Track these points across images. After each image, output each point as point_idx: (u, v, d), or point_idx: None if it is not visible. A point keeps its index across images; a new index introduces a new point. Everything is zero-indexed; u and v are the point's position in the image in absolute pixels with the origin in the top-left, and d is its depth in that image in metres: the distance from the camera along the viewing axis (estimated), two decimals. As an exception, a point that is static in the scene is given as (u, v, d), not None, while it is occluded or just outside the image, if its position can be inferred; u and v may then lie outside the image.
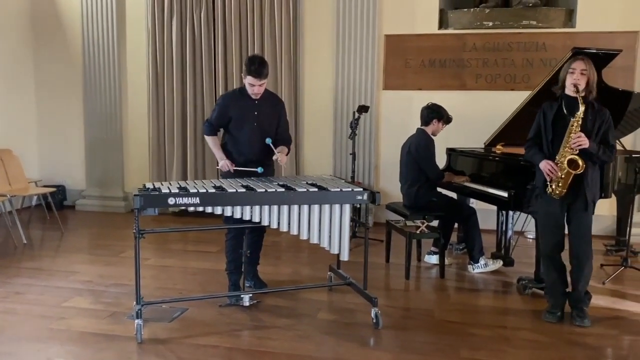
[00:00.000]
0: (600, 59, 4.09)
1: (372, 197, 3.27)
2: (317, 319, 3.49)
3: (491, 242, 4.85)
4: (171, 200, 3.04)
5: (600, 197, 3.48)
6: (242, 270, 3.83)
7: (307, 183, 3.44)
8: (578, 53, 4.04)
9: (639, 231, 4.57)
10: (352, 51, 5.98)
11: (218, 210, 3.16)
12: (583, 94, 3.16)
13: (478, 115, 5.67)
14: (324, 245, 3.34)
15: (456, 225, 4.86)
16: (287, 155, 3.90)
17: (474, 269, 4.44)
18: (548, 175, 3.27)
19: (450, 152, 5.03)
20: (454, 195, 4.86)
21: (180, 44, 6.35)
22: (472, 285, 4.22)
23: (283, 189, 3.21)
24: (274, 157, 3.66)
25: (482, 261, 4.44)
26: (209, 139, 3.85)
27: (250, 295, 3.54)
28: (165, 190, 3.06)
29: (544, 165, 3.29)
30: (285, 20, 6.06)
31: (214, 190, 3.13)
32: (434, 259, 4.64)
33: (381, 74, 6.02)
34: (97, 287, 4.04)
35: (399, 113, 6.02)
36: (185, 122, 6.47)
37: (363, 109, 5.15)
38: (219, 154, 3.77)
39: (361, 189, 3.28)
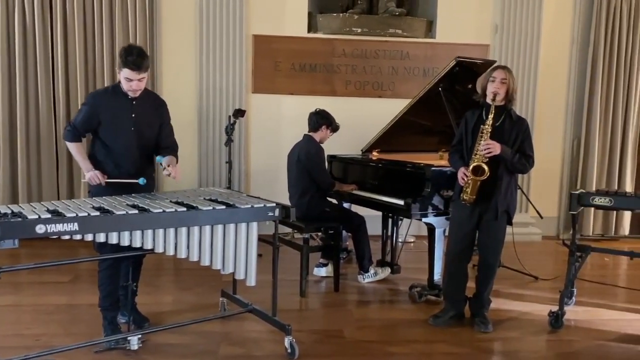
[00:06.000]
0: (478, 68, 4.26)
1: (286, 213, 2.93)
2: (220, 355, 3.04)
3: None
4: (40, 229, 2.36)
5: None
6: (120, 304, 3.22)
7: (205, 199, 2.97)
8: (461, 62, 4.16)
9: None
10: (217, 51, 5.52)
11: (101, 237, 2.56)
12: (502, 103, 3.19)
13: (349, 121, 5.55)
14: (228, 270, 2.91)
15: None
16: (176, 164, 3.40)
17: (364, 279, 4.33)
18: (461, 181, 3.25)
19: (332, 159, 4.87)
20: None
21: (6, 33, 5.27)
22: (368, 297, 4.09)
23: (184, 208, 2.71)
24: (165, 173, 3.10)
25: (372, 270, 4.35)
26: (71, 146, 3.20)
27: (139, 335, 2.94)
28: (32, 216, 2.37)
29: (459, 173, 3.27)
30: (141, 16, 5.34)
31: (97, 213, 2.52)
32: (323, 272, 4.44)
33: (250, 76, 5.65)
34: None
35: (269, 118, 5.72)
36: (14, 127, 5.37)
37: (239, 113, 4.76)
38: (85, 164, 3.13)
39: (273, 204, 2.92)
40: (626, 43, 5.84)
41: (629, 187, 5.97)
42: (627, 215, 6.07)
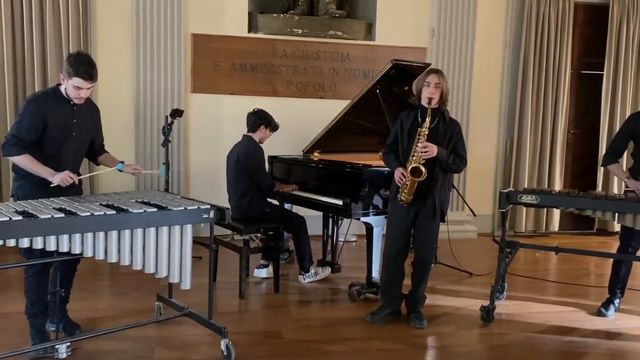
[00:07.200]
0: (414, 70, 4.36)
1: (221, 215, 2.90)
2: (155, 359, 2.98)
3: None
4: (-45, 235, 2.25)
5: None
6: (48, 311, 3.11)
7: (137, 202, 2.90)
8: (397, 65, 4.25)
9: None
10: (155, 50, 5.39)
11: (24, 242, 2.46)
12: (436, 106, 3.29)
13: (290, 122, 5.58)
14: (161, 274, 2.85)
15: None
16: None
17: (305, 279, 4.35)
18: (398, 182, 3.32)
19: (273, 159, 4.87)
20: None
21: None
22: (308, 297, 4.12)
23: (114, 211, 2.64)
24: (126, 169, 3.28)
25: (312, 270, 4.37)
26: (19, 160, 2.96)
27: (68, 343, 2.85)
28: (-54, 222, 2.25)
29: (396, 173, 3.34)
30: (74, 13, 5.13)
31: (19, 217, 2.42)
32: (263, 273, 4.42)
33: (189, 76, 5.56)
34: None
35: (209, 118, 5.65)
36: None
37: (177, 113, 4.66)
38: (46, 170, 2.94)
39: (208, 206, 2.89)
40: (554, 47, 6.12)
41: (557, 186, 6.26)
42: (556, 213, 6.36)
